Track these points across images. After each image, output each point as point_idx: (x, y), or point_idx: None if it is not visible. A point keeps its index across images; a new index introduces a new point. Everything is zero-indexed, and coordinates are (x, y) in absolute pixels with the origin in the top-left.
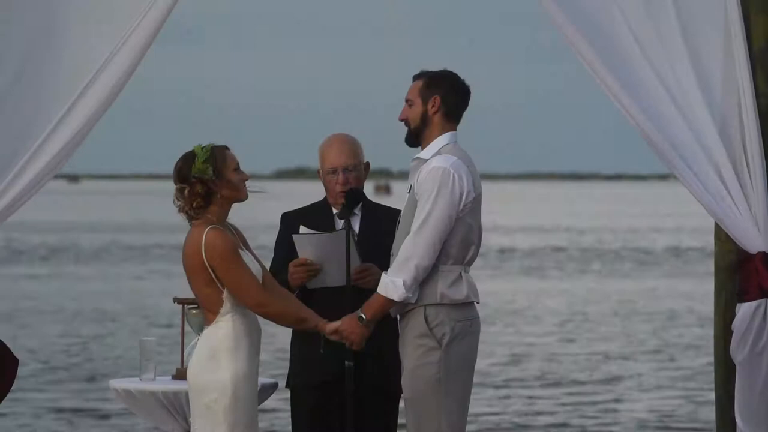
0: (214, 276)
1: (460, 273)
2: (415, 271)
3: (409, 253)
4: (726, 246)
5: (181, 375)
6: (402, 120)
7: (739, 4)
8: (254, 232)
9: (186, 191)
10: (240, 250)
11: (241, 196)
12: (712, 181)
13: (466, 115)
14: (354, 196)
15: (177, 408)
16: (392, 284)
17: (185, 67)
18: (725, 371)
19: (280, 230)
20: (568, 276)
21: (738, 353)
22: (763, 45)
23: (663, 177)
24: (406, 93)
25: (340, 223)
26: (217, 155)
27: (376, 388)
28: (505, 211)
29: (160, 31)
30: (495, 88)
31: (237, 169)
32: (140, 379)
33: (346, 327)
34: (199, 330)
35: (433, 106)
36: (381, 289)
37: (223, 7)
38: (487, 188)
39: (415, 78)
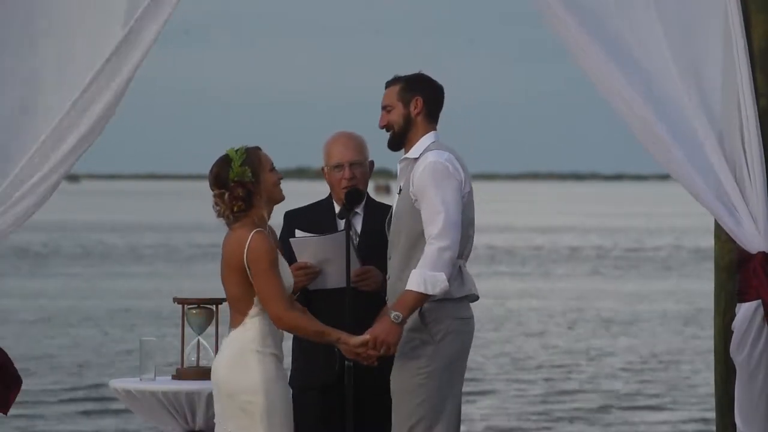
0: (250, 276)
1: (460, 267)
2: (452, 264)
3: (442, 246)
4: (726, 246)
5: (181, 375)
6: (383, 126)
7: (739, 4)
8: None
9: (226, 196)
10: (279, 257)
11: (278, 196)
12: (712, 180)
13: (466, 114)
14: (354, 196)
15: (177, 408)
16: (434, 278)
17: (185, 66)
18: (725, 371)
19: (282, 229)
20: (570, 276)
21: (738, 353)
22: (764, 45)
23: (663, 177)
24: (382, 100)
25: (341, 223)
26: (253, 157)
27: (376, 388)
28: (504, 211)
29: (161, 30)
30: (495, 87)
31: (272, 169)
32: (140, 379)
33: (380, 332)
34: (199, 330)
35: (415, 107)
36: (417, 286)
37: (223, 7)
38: (486, 188)
39: (389, 84)
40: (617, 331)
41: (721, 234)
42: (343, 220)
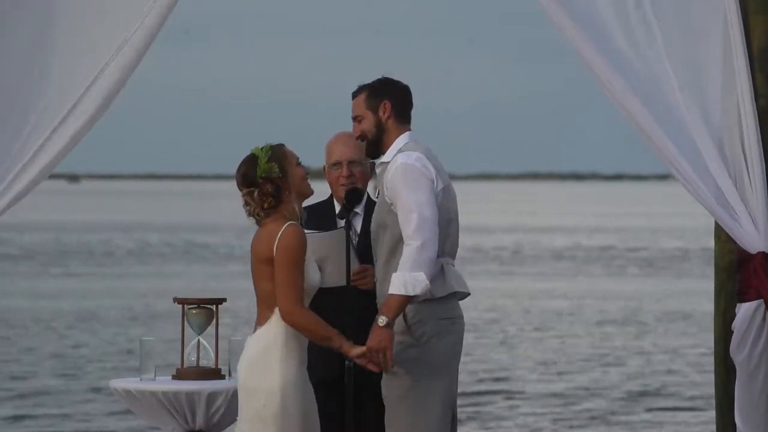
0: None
1: (441, 266)
2: (431, 262)
3: (420, 246)
4: (726, 246)
5: (181, 375)
6: (358, 137)
7: (738, 4)
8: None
9: (256, 193)
10: (307, 257)
11: (307, 190)
12: (712, 180)
13: (466, 114)
14: (354, 196)
15: (177, 408)
16: (414, 279)
17: (185, 66)
18: (725, 371)
19: None
20: (573, 277)
21: (738, 353)
22: (763, 45)
23: (663, 177)
24: (351, 111)
25: (341, 223)
26: (279, 153)
27: (375, 388)
28: (506, 211)
29: (160, 31)
30: (495, 87)
31: (299, 163)
32: (140, 379)
33: (372, 341)
34: (199, 330)
35: (384, 112)
36: (398, 289)
37: (223, 7)
38: (487, 188)
39: (355, 94)
40: (642, 331)
41: (721, 234)
42: (343, 220)
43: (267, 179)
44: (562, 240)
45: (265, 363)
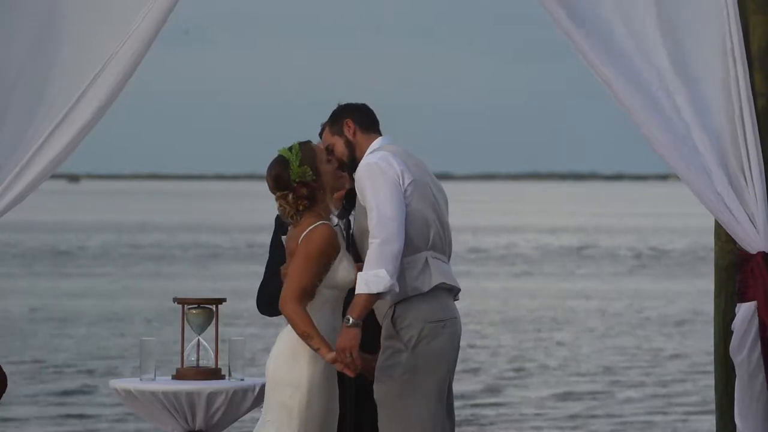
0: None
1: (426, 259)
2: (393, 258)
3: (378, 242)
4: (726, 246)
5: (181, 375)
6: (338, 167)
7: (737, 5)
8: (255, 233)
9: (290, 197)
10: (340, 254)
11: (339, 185)
12: (712, 180)
13: (467, 114)
14: (353, 197)
15: (177, 408)
16: (375, 276)
17: (185, 66)
18: (725, 371)
19: (274, 232)
20: (572, 276)
21: (738, 353)
22: (762, 45)
23: (663, 177)
24: (324, 146)
25: (339, 224)
26: (309, 153)
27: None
28: (505, 211)
29: (161, 30)
30: (494, 87)
31: (328, 159)
32: (140, 379)
33: (339, 341)
34: (199, 330)
35: (348, 129)
36: (361, 288)
37: (222, 7)
38: (487, 188)
39: (321, 131)
40: (675, 332)
41: (721, 234)
42: (343, 220)
43: (301, 183)
44: (563, 240)
45: (294, 357)
